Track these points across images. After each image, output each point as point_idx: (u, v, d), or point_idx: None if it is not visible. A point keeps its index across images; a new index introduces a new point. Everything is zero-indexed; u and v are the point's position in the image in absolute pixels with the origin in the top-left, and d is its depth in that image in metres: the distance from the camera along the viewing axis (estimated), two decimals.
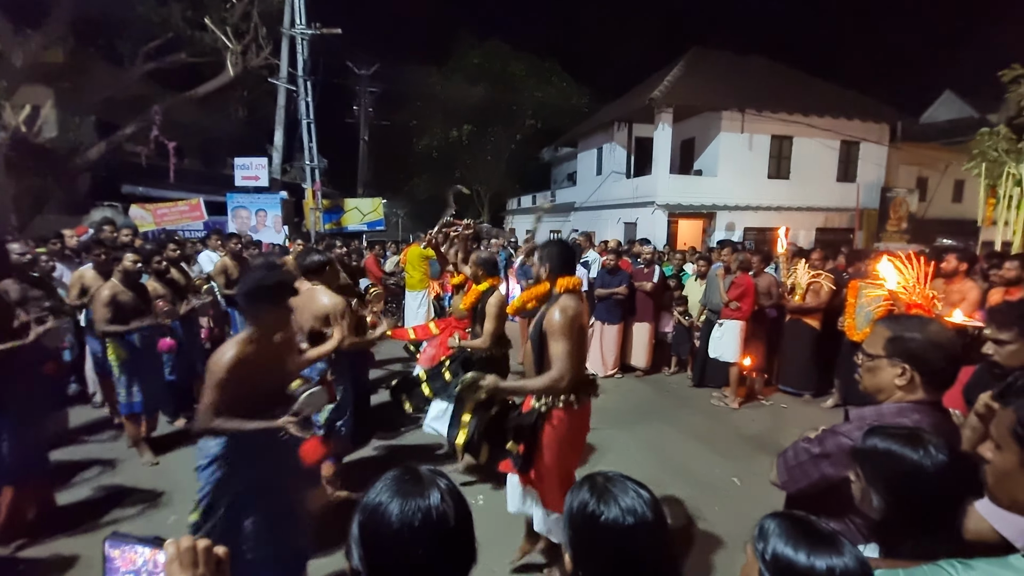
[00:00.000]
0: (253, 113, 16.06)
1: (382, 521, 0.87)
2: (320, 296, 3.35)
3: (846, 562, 0.86)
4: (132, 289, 3.92)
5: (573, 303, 2.47)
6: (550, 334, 2.42)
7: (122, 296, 3.82)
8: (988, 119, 14.10)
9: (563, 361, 2.37)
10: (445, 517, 0.89)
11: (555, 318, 2.41)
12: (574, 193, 20.35)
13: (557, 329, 2.39)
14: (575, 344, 2.43)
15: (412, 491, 0.90)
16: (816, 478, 1.48)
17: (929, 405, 1.44)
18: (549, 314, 2.45)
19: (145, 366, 4.09)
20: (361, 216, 13.93)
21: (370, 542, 0.88)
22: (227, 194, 12.53)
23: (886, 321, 1.56)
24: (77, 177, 12.76)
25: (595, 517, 0.98)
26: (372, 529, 0.88)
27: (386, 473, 0.95)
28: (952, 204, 17.36)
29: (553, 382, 2.38)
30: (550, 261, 2.59)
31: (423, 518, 0.87)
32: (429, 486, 0.91)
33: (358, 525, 0.90)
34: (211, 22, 12.04)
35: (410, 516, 0.87)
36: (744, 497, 3.72)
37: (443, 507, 0.89)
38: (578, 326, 2.46)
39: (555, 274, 2.56)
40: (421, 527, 0.86)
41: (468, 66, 24.98)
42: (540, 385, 2.42)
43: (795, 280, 5.86)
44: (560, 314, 2.41)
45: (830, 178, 15.64)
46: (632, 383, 6.55)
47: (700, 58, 16.25)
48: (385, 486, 0.92)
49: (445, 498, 0.90)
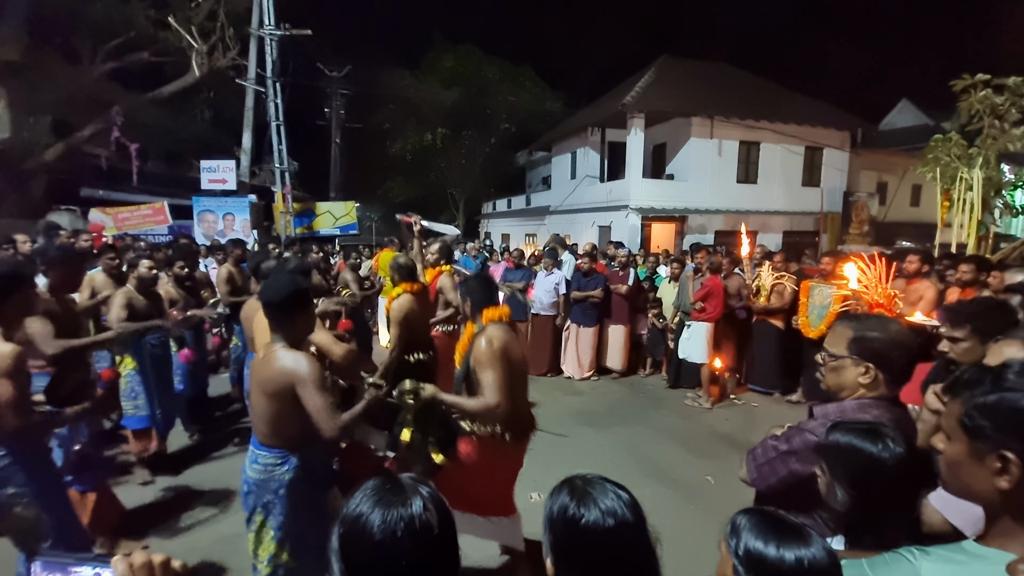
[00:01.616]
0: (220, 115, 15.65)
1: (363, 532, 0.84)
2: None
3: (814, 553, 0.89)
4: (146, 296, 3.78)
5: (500, 332, 2.43)
6: (478, 365, 2.36)
7: (136, 302, 3.68)
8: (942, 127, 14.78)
9: (494, 389, 2.30)
10: (429, 525, 0.86)
11: (481, 347, 2.36)
12: (549, 197, 20.47)
13: (484, 360, 2.34)
14: (505, 374, 2.35)
15: (394, 500, 0.87)
16: (784, 474, 1.51)
17: (888, 400, 1.49)
18: (476, 345, 2.40)
19: (157, 380, 3.94)
20: (334, 220, 13.72)
21: (352, 555, 0.85)
22: (193, 197, 12.16)
23: (847, 321, 1.60)
24: (32, 179, 12.22)
25: (575, 520, 0.97)
26: (353, 541, 0.85)
27: (366, 483, 0.92)
28: (910, 208, 18.11)
29: (486, 408, 2.30)
30: (471, 296, 2.56)
31: (406, 527, 0.84)
32: (412, 494, 0.88)
33: (338, 538, 0.86)
34: (175, 21, 11.72)
35: (392, 526, 0.83)
36: (719, 495, 3.78)
37: (426, 515, 0.86)
38: (506, 355, 2.38)
39: (478, 308, 2.54)
40: (404, 536, 0.83)
41: (441, 70, 24.91)
42: (474, 407, 2.34)
43: (760, 282, 6.02)
44: (486, 344, 2.36)
45: (796, 183, 16.15)
46: (608, 385, 6.61)
47: (670, 65, 16.62)
48: (365, 496, 0.88)
49: (428, 506, 0.88)
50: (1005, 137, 7.49)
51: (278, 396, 1.94)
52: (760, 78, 17.63)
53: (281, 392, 1.93)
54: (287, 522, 2.04)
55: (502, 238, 23.26)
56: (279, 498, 2.03)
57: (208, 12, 12.20)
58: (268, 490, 2.03)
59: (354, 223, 14.02)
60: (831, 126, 15.99)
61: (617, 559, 0.97)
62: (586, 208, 16.96)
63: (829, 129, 15.97)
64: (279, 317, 2.03)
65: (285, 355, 1.96)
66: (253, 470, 2.07)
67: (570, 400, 6.01)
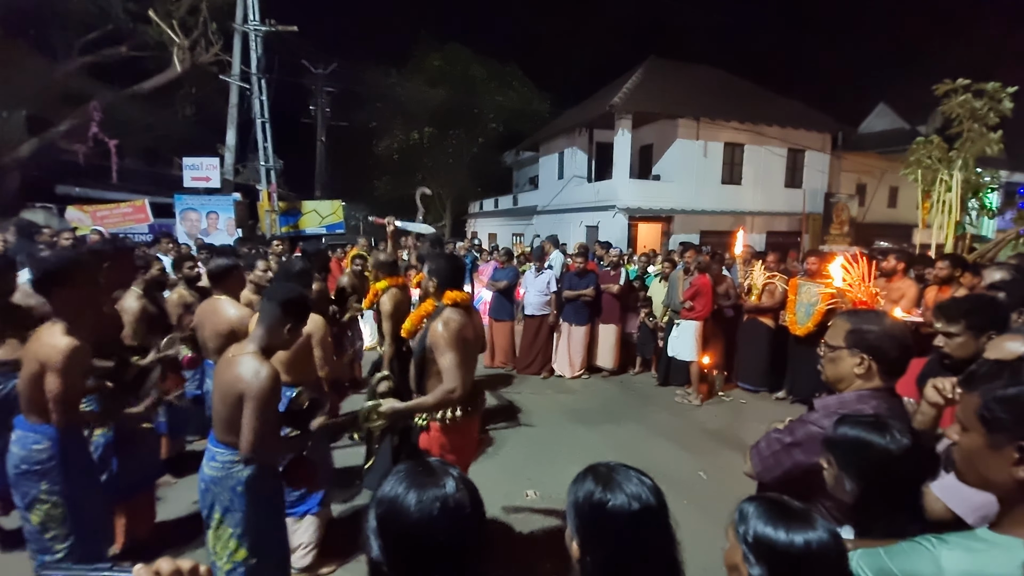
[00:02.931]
0: (202, 111, 15.35)
1: (401, 512, 0.90)
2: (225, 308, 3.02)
3: (821, 536, 0.93)
4: (154, 301, 3.60)
5: (457, 316, 2.43)
6: (436, 348, 2.34)
7: (149, 308, 3.48)
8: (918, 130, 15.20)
9: (453, 372, 2.30)
10: (462, 504, 0.92)
11: (438, 330, 2.35)
12: (536, 197, 20.52)
13: (442, 342, 2.32)
14: (462, 356, 2.36)
15: (427, 482, 0.93)
16: (789, 465, 1.54)
17: (885, 392, 1.54)
18: (432, 328, 2.38)
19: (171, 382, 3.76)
20: (320, 219, 13.55)
21: (390, 533, 0.90)
22: (175, 195, 11.91)
23: (846, 315, 1.67)
24: (6, 176, 11.86)
25: (602, 504, 1.00)
26: (391, 520, 0.91)
27: (396, 467, 0.98)
28: (888, 209, 18.57)
29: (446, 395, 2.29)
30: (438, 275, 2.54)
31: (441, 506, 0.90)
32: (444, 475, 0.94)
33: (375, 517, 0.92)
34: (155, 15, 11.45)
35: (428, 505, 0.89)
36: (710, 490, 3.82)
37: (459, 495, 0.92)
38: (462, 338, 2.39)
39: (443, 288, 2.52)
40: (440, 515, 0.89)
41: (429, 68, 24.79)
42: (435, 400, 2.32)
43: (751, 281, 6.11)
44: (443, 327, 2.35)
45: (779, 184, 16.45)
46: (599, 383, 6.64)
47: (657, 67, 16.80)
48: (399, 479, 0.94)
49: (460, 486, 0.94)
50: (983, 141, 7.70)
51: (231, 399, 1.94)
52: (745, 81, 17.93)
53: (234, 397, 1.93)
54: (246, 520, 2.03)
55: (489, 238, 23.24)
56: (237, 496, 2.01)
57: (189, 6, 11.96)
58: (226, 488, 2.02)
59: (341, 222, 13.87)
60: (813, 129, 16.34)
61: (642, 542, 1.00)
62: (574, 208, 17.04)
63: (811, 132, 16.31)
64: (270, 316, 2.02)
65: (248, 363, 1.94)
66: (211, 467, 2.05)
67: (562, 398, 6.03)
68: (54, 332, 2.13)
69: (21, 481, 2.19)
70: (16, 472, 2.19)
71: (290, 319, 2.03)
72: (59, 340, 2.09)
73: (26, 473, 2.18)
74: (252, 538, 2.05)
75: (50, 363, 2.07)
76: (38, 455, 2.17)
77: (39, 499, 2.19)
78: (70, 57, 12.43)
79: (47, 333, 2.15)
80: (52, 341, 2.10)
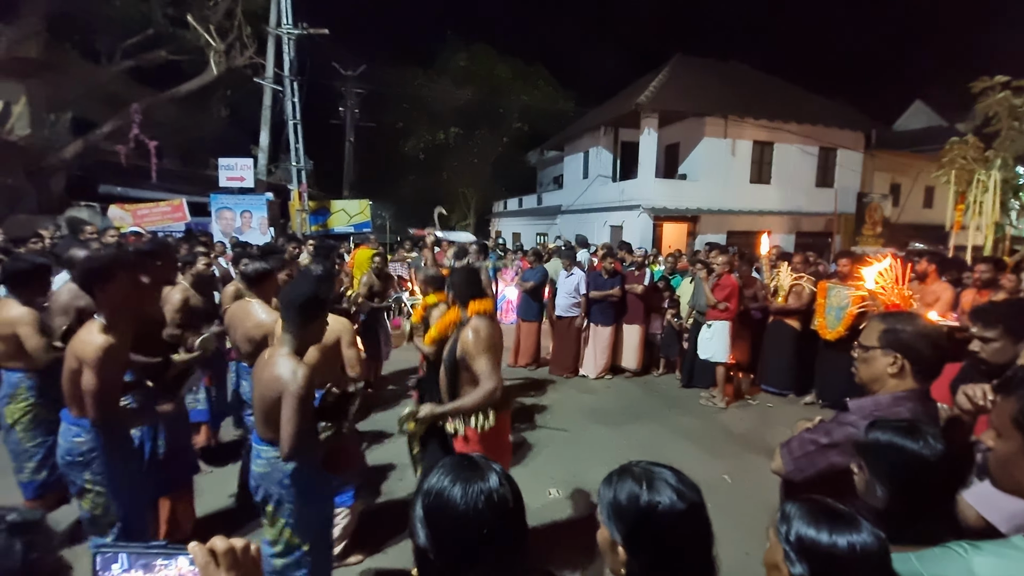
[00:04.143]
0: (236, 113, 15.82)
1: (447, 504, 0.94)
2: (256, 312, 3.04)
3: (865, 538, 0.93)
4: (202, 294, 3.75)
5: (484, 323, 2.53)
6: (469, 355, 2.45)
7: (193, 300, 3.64)
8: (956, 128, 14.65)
9: (490, 373, 2.41)
10: (505, 499, 0.96)
11: (470, 339, 2.46)
12: (560, 196, 20.48)
13: (476, 349, 2.43)
14: (496, 359, 2.48)
15: (472, 476, 0.97)
16: (823, 467, 1.55)
17: (920, 394, 1.53)
18: (463, 338, 2.49)
19: (212, 373, 3.95)
20: (348, 218, 13.83)
21: (437, 523, 0.95)
22: (211, 195, 12.30)
23: (880, 316, 1.67)
24: (52, 176, 12.41)
25: (651, 506, 0.98)
26: (438, 512, 0.95)
27: (441, 461, 1.03)
28: (923, 209, 17.96)
29: (488, 394, 2.40)
30: (457, 292, 2.66)
31: (486, 500, 0.94)
32: (487, 470, 0.99)
33: (422, 508, 0.96)
34: (193, 19, 11.84)
35: (473, 498, 0.94)
36: (736, 494, 3.81)
37: (503, 490, 0.97)
38: (492, 343, 2.49)
39: (465, 300, 2.62)
40: (485, 508, 0.94)
41: (455, 69, 24.99)
42: (476, 400, 2.42)
43: (778, 282, 6.02)
44: (474, 335, 2.46)
45: (809, 183, 16.05)
46: (622, 384, 6.64)
47: (684, 64, 16.56)
48: (444, 472, 0.99)
49: (503, 481, 0.98)
50: (1023, 139, 7.43)
51: (270, 399, 2.02)
52: (775, 78, 17.54)
53: (273, 396, 2.01)
54: (296, 511, 2.12)
55: (513, 237, 23.30)
56: (285, 488, 2.10)
57: (226, 10, 12.32)
58: (273, 482, 2.10)
59: (367, 221, 14.12)
60: (845, 127, 15.88)
61: (690, 540, 1.00)
62: (598, 208, 16.96)
63: (844, 130, 15.86)
64: (292, 319, 2.09)
65: (284, 363, 2.02)
66: (257, 464, 2.14)
67: (584, 398, 6.04)
68: (92, 329, 2.20)
69: (70, 471, 2.33)
70: (64, 463, 2.33)
71: (309, 316, 2.11)
72: (95, 337, 2.16)
73: (71, 464, 2.30)
74: (303, 527, 2.14)
75: (86, 359, 2.14)
76: (79, 447, 2.28)
77: (85, 488, 2.32)
78: (113, 61, 12.94)
79: (86, 330, 2.22)
80: (89, 338, 2.18)
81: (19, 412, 2.97)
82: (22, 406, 2.96)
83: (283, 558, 2.16)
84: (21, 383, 2.96)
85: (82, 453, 2.28)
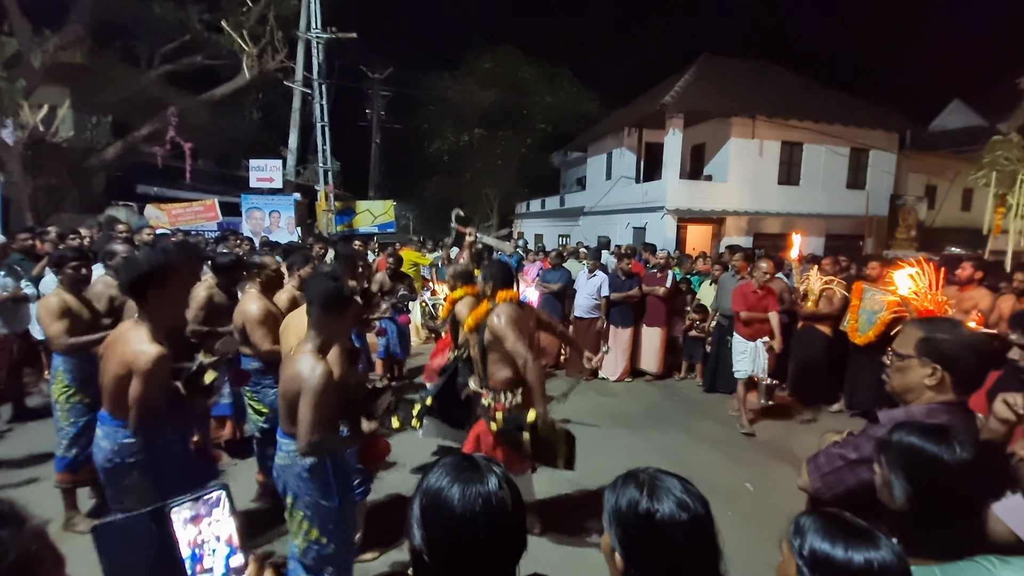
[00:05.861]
0: (267, 115, 16.24)
1: (444, 505, 0.91)
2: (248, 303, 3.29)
3: (884, 556, 0.88)
4: (227, 292, 3.78)
5: (508, 308, 2.89)
6: (499, 337, 2.78)
7: (218, 298, 3.66)
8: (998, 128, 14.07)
9: (518, 348, 2.73)
10: (504, 503, 0.91)
11: (496, 322, 2.79)
12: (583, 198, 20.40)
13: (501, 330, 2.77)
14: (522, 336, 2.78)
15: (471, 477, 0.93)
16: (852, 483, 1.48)
17: (958, 406, 1.45)
18: (490, 322, 2.84)
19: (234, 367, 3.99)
20: (373, 218, 14.05)
21: (432, 524, 0.91)
22: (241, 195, 12.67)
23: (918, 322, 1.57)
24: (93, 176, 12.96)
25: (650, 514, 0.95)
26: (434, 512, 0.91)
27: (442, 459, 1.00)
28: (961, 213, 17.29)
29: (530, 367, 2.74)
30: (493, 279, 3.00)
31: (484, 503, 0.90)
32: (487, 472, 0.94)
33: (420, 507, 0.93)
34: (227, 25, 12.22)
35: (472, 501, 0.90)
36: (759, 502, 3.74)
37: (501, 493, 0.92)
38: (515, 322, 2.80)
39: (496, 289, 2.99)
40: (482, 512, 0.89)
41: (480, 71, 25.11)
42: (533, 378, 2.77)
43: (808, 287, 5.86)
44: (499, 318, 2.81)
45: (840, 185, 15.61)
46: (643, 387, 6.59)
47: (711, 64, 16.30)
48: (444, 471, 0.95)
49: (503, 485, 0.93)
50: None
51: (291, 395, 2.08)
52: (804, 76, 17.10)
53: (294, 392, 2.06)
54: (313, 503, 2.16)
55: (535, 238, 23.33)
56: (303, 481, 2.14)
57: (259, 16, 12.67)
58: (292, 474, 2.14)
59: (392, 221, 14.33)
60: (878, 127, 15.39)
61: (690, 554, 0.96)
62: (621, 209, 16.84)
63: (876, 130, 15.36)
64: (316, 316, 2.14)
65: (306, 360, 2.07)
66: (279, 457, 2.21)
67: (604, 400, 6.02)
68: (142, 337, 2.14)
69: (114, 475, 2.24)
70: (108, 466, 2.24)
71: (332, 313, 2.16)
72: (148, 347, 2.12)
73: (118, 466, 2.23)
74: (321, 520, 2.19)
75: (137, 368, 2.10)
76: (130, 447, 2.22)
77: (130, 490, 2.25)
78: (152, 66, 13.43)
79: (135, 337, 2.16)
80: (140, 347, 2.12)
81: (58, 392, 3.20)
82: (60, 387, 3.19)
83: (305, 556, 2.22)
84: (60, 366, 3.18)
85: (133, 453, 2.23)
